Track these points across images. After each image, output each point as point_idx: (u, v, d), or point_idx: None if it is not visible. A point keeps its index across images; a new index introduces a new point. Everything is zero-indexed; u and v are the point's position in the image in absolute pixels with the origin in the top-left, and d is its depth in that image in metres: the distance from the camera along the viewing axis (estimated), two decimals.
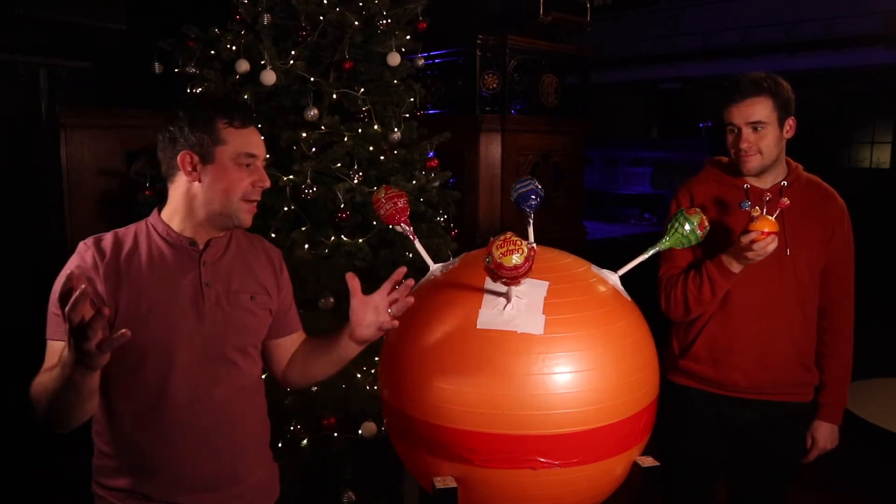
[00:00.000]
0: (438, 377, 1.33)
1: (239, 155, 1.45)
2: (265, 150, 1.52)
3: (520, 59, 4.30)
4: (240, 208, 1.46)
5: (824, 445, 2.05)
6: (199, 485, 1.48)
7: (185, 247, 1.47)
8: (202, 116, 1.45)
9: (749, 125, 1.87)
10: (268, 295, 1.58)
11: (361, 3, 2.60)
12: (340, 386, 2.43)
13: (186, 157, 1.44)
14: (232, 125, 1.45)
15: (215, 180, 1.44)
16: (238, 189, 1.45)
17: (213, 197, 1.45)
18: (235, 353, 1.51)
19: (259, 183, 1.48)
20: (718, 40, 10.10)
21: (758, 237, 1.69)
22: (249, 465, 1.55)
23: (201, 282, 1.46)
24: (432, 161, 2.81)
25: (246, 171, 1.46)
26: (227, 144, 1.44)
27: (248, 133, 1.48)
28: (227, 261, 1.52)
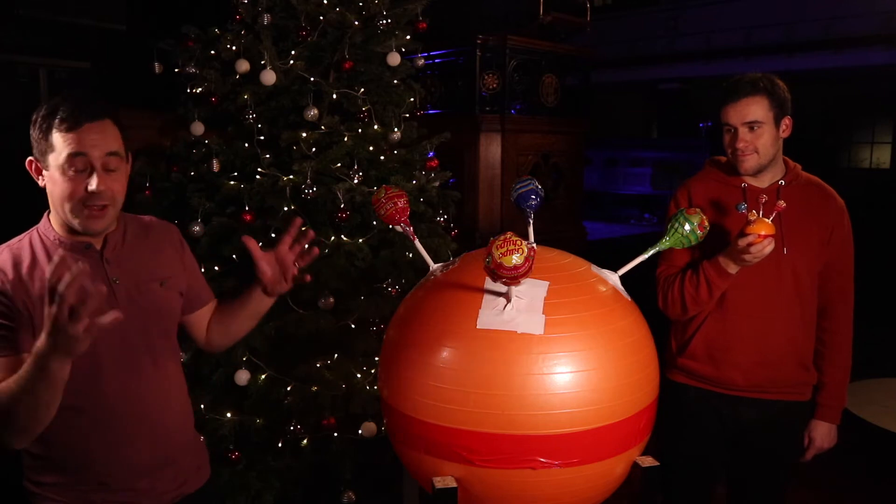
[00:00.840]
0: (438, 377, 1.32)
1: (65, 158, 1.35)
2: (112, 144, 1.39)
3: (520, 59, 4.30)
4: (78, 215, 1.38)
5: (821, 444, 2.05)
6: (134, 471, 1.49)
7: (82, 250, 1.44)
8: (39, 118, 1.37)
9: (745, 125, 1.87)
10: (175, 276, 1.59)
11: (361, 3, 2.60)
12: (340, 386, 2.43)
13: (31, 164, 1.41)
14: (60, 129, 1.35)
15: (51, 188, 1.39)
16: (71, 195, 1.36)
17: (56, 204, 1.40)
18: (157, 340, 1.52)
19: (90, 188, 1.36)
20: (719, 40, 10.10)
21: (754, 240, 1.69)
22: (181, 448, 1.59)
23: (109, 279, 1.45)
24: (432, 161, 2.81)
25: (76, 176, 1.36)
26: (55, 150, 1.36)
27: (80, 133, 1.35)
28: (129, 253, 1.51)
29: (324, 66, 2.61)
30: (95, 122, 1.37)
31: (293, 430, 2.43)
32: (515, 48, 4.25)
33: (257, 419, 2.43)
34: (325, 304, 2.44)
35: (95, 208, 1.39)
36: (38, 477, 1.48)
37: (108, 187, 1.39)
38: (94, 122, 1.37)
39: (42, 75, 3.69)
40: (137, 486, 1.51)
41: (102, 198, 1.38)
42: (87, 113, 1.36)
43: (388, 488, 2.55)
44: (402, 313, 1.51)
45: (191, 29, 2.59)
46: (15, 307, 1.38)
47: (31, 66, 3.60)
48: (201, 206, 2.48)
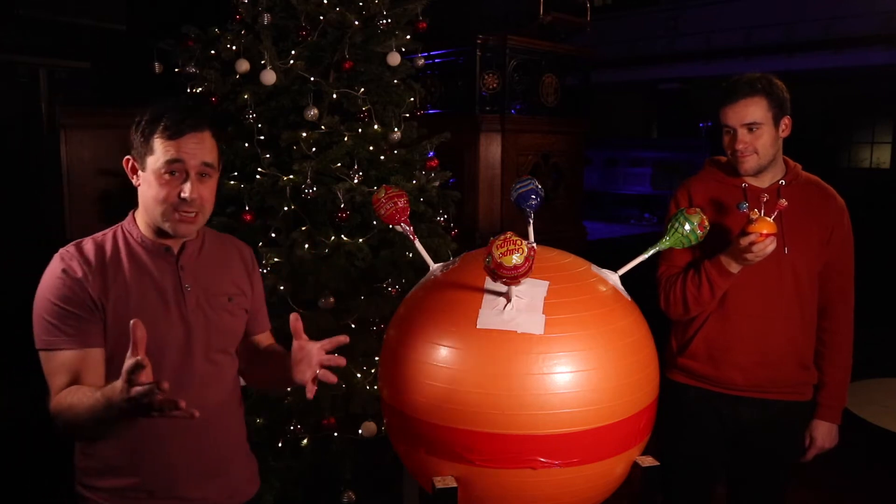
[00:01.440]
0: (438, 377, 1.32)
1: (163, 163, 1.40)
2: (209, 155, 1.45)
3: (520, 59, 4.30)
4: (170, 218, 1.43)
5: (822, 444, 2.05)
6: (188, 481, 1.51)
7: (161, 253, 1.48)
8: (143, 121, 1.43)
9: (744, 126, 1.88)
10: (243, 295, 1.61)
11: (361, 3, 2.59)
12: (340, 386, 2.43)
13: (128, 162, 1.46)
14: (162, 136, 1.41)
15: (145, 189, 1.44)
16: (164, 199, 1.42)
17: (147, 205, 1.45)
18: (219, 355, 1.54)
19: (183, 195, 1.41)
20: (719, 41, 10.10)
21: (756, 239, 1.69)
22: (233, 459, 1.60)
23: (181, 286, 1.48)
24: (432, 161, 2.81)
25: (171, 179, 1.41)
26: (154, 153, 1.41)
27: (180, 143, 1.41)
28: (203, 263, 1.54)
29: (324, 66, 2.61)
30: (196, 132, 1.43)
31: (293, 430, 2.43)
32: (515, 48, 4.25)
33: (257, 419, 2.43)
34: (325, 303, 2.44)
35: (187, 214, 1.44)
36: (91, 481, 1.49)
37: (200, 195, 1.44)
38: (194, 133, 1.42)
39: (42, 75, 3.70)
40: (190, 496, 1.51)
41: (193, 205, 1.43)
42: (190, 123, 1.42)
43: (388, 488, 2.55)
44: (402, 313, 1.51)
45: (191, 29, 2.59)
46: (90, 299, 1.40)
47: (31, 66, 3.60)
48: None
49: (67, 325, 1.38)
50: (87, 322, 1.40)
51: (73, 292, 1.39)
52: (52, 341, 1.39)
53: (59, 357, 1.39)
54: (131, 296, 1.43)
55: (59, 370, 1.38)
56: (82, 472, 1.50)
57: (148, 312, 1.42)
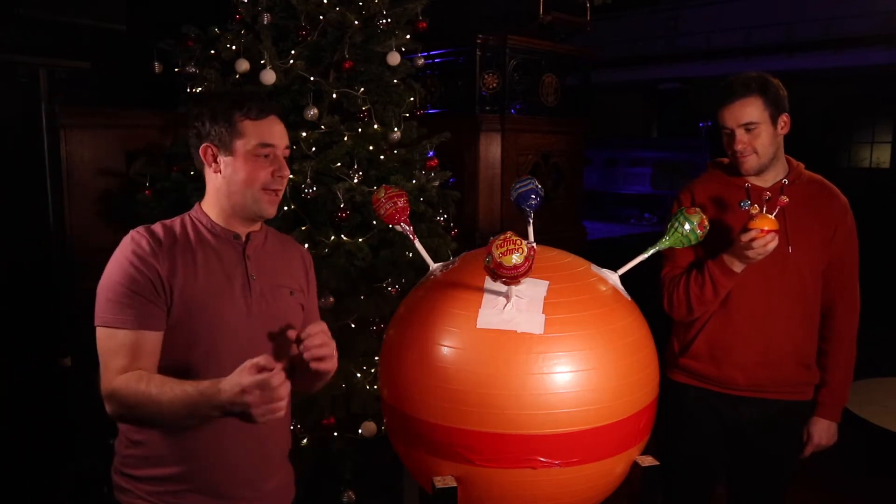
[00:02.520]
0: (438, 377, 1.33)
1: (255, 146, 1.47)
2: (287, 139, 1.55)
3: (520, 59, 4.30)
4: (260, 198, 1.49)
5: (820, 441, 2.05)
6: (234, 479, 1.50)
7: (230, 240, 1.52)
8: (222, 109, 1.48)
9: (741, 126, 1.88)
10: (302, 292, 1.63)
11: (361, 3, 2.59)
12: (340, 386, 2.43)
13: (207, 150, 1.49)
14: (248, 116, 1.47)
15: (235, 171, 1.48)
16: (257, 179, 1.48)
17: (235, 188, 1.49)
18: (277, 345, 1.52)
19: (278, 172, 1.50)
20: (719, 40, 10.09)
21: (757, 235, 1.69)
22: (278, 464, 1.60)
23: (248, 274, 1.51)
24: (432, 161, 2.81)
25: (264, 161, 1.49)
26: (244, 136, 1.47)
27: (267, 123, 1.50)
28: (267, 255, 1.57)
29: (324, 66, 2.61)
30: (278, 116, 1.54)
31: (293, 430, 2.43)
32: (515, 48, 4.25)
33: None
34: (325, 303, 2.43)
35: (276, 194, 1.51)
36: (133, 471, 1.47)
37: (286, 176, 1.53)
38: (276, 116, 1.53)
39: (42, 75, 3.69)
40: (235, 495, 1.50)
41: (283, 184, 1.52)
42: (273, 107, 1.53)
43: (388, 488, 2.55)
44: (402, 313, 1.51)
45: (191, 29, 2.59)
46: (158, 281, 1.41)
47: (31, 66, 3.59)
48: None
49: (132, 306, 1.38)
50: (152, 305, 1.40)
51: (142, 274, 1.40)
52: (114, 319, 1.38)
53: (119, 336, 1.38)
54: (199, 277, 1.45)
55: (119, 350, 1.38)
56: (124, 460, 1.49)
57: (215, 295, 1.45)
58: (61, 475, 2.85)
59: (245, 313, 1.48)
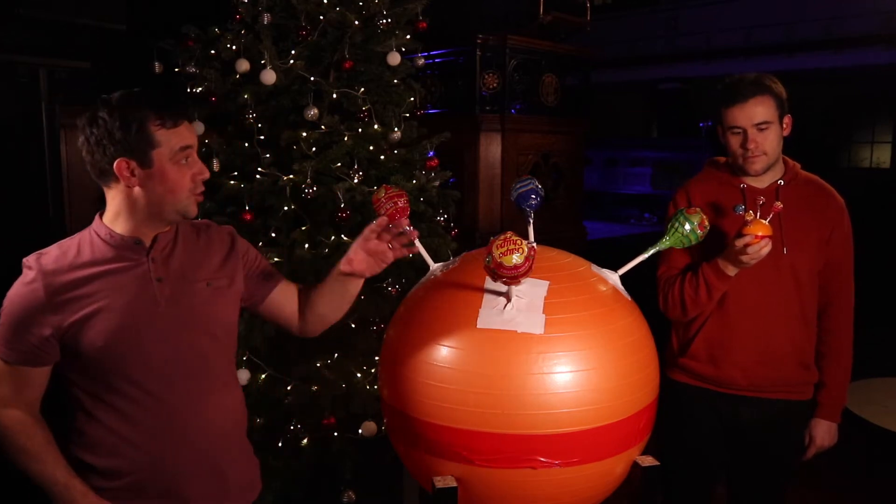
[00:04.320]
0: (438, 377, 1.33)
1: (175, 152, 1.42)
2: (196, 138, 1.50)
3: (520, 58, 4.30)
4: (188, 203, 1.47)
5: (821, 443, 2.05)
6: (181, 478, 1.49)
7: (131, 246, 1.46)
8: (134, 119, 1.38)
9: (755, 126, 1.86)
10: (226, 277, 1.58)
11: (361, 3, 2.59)
12: (340, 386, 2.43)
13: (122, 165, 1.39)
14: (164, 126, 1.40)
15: (158, 182, 1.42)
16: (182, 186, 1.44)
17: (157, 199, 1.43)
18: (204, 342, 1.52)
19: (199, 175, 1.47)
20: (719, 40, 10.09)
21: (751, 241, 1.69)
22: (229, 457, 1.57)
23: (152, 279, 1.46)
24: (432, 161, 2.80)
25: (185, 166, 1.44)
26: (162, 146, 1.41)
27: (181, 129, 1.44)
28: (178, 253, 1.52)
29: (324, 66, 2.61)
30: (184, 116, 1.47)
31: (293, 430, 2.43)
32: (515, 48, 4.25)
33: (257, 418, 2.42)
34: None
35: (201, 193, 1.49)
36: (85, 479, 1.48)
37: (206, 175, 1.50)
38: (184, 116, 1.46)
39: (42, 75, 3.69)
40: (184, 494, 1.50)
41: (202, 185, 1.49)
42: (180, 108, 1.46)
43: (388, 488, 2.55)
44: (402, 313, 1.51)
45: (191, 29, 2.59)
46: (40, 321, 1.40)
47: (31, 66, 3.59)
48: (201, 206, 2.48)
49: (16, 344, 1.41)
50: (39, 345, 1.41)
51: (29, 314, 1.40)
52: (4, 352, 1.42)
53: (7, 369, 1.42)
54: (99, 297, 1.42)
55: (4, 381, 1.43)
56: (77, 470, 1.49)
57: (119, 310, 1.42)
58: None
59: (157, 318, 1.45)
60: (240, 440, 1.64)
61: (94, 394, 1.46)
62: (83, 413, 1.47)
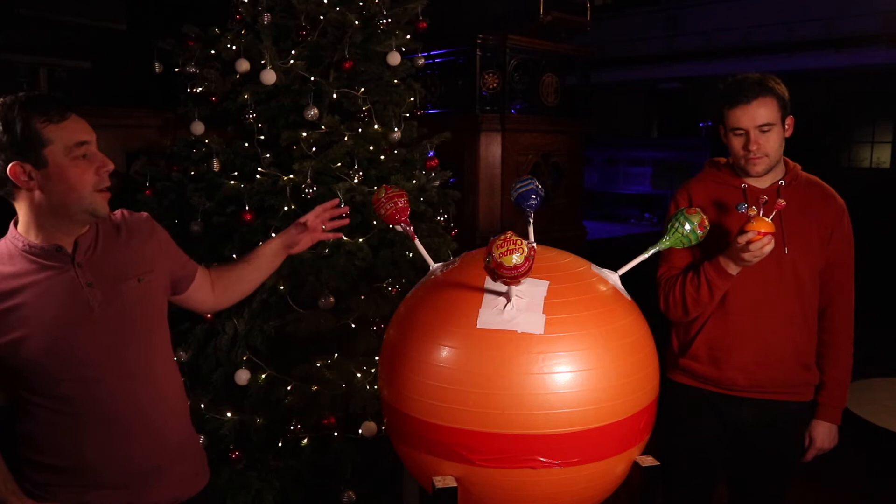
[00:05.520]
0: (438, 377, 1.32)
1: (70, 148, 1.36)
2: (93, 132, 1.43)
3: (520, 58, 4.30)
4: (94, 200, 1.40)
5: (822, 445, 2.05)
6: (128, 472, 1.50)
7: (53, 254, 1.41)
8: (17, 121, 1.32)
9: (758, 128, 1.86)
10: (152, 269, 1.56)
11: (361, 3, 2.59)
12: (340, 385, 2.43)
13: (17, 169, 1.34)
14: (51, 121, 1.34)
15: (58, 181, 1.36)
16: (85, 183, 1.38)
17: (60, 200, 1.37)
18: (143, 338, 1.52)
19: (103, 168, 1.41)
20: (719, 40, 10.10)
21: (754, 238, 1.69)
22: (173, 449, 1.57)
23: (83, 285, 1.43)
24: (432, 161, 2.80)
25: (84, 161, 1.38)
26: (53, 143, 1.34)
27: (71, 123, 1.37)
28: (101, 253, 1.48)
29: (324, 66, 2.61)
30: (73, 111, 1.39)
31: (293, 430, 2.43)
32: (515, 48, 4.25)
33: (257, 419, 2.42)
34: (325, 303, 2.43)
35: (107, 189, 1.42)
36: (33, 476, 1.49)
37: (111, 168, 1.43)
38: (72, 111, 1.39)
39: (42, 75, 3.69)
40: (131, 486, 1.51)
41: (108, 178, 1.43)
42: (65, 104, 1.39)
43: (388, 488, 2.55)
44: (402, 313, 1.51)
45: (191, 29, 2.59)
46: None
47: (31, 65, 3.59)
48: (201, 206, 2.48)
49: None
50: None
51: None
52: None
53: None
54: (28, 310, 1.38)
55: None
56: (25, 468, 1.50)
57: (50, 322, 1.39)
58: None
59: (92, 324, 1.43)
60: (181, 430, 1.63)
61: (34, 397, 1.44)
62: (26, 414, 1.46)
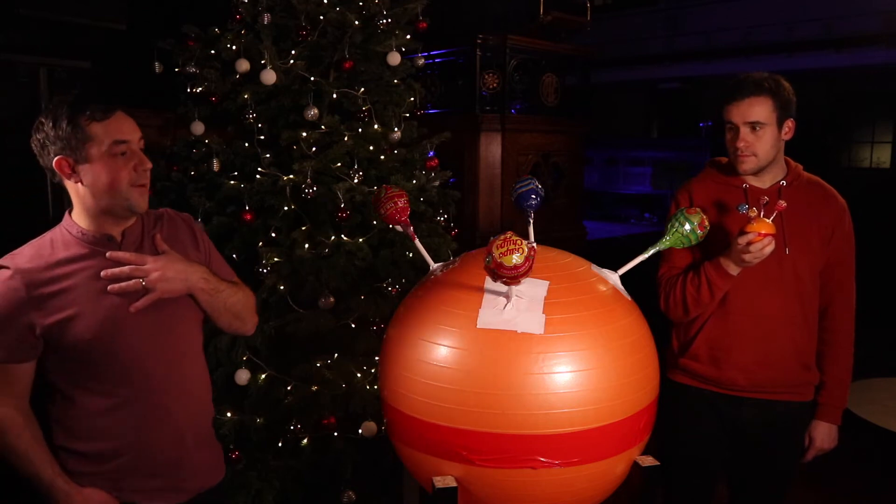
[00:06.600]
0: (438, 377, 1.32)
1: (110, 146, 1.45)
2: (139, 132, 1.52)
3: (520, 58, 4.30)
4: (130, 196, 1.48)
5: (821, 445, 2.05)
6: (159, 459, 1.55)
7: (103, 242, 1.51)
8: (64, 117, 1.43)
9: (747, 124, 1.87)
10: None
11: (361, 3, 2.59)
12: (340, 385, 2.43)
13: (62, 162, 1.45)
14: (95, 119, 1.44)
15: (97, 177, 1.45)
16: (121, 179, 1.46)
17: (100, 193, 1.47)
18: (178, 329, 1.59)
19: (140, 166, 1.49)
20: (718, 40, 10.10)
21: (754, 239, 1.69)
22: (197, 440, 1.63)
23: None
24: (432, 161, 2.80)
25: (122, 159, 1.47)
26: (95, 139, 1.44)
27: (115, 121, 1.47)
28: (147, 246, 1.56)
29: (324, 66, 2.61)
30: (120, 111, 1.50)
31: (293, 430, 2.43)
32: (515, 48, 4.25)
33: (257, 419, 2.42)
34: (325, 303, 2.43)
35: (145, 186, 1.51)
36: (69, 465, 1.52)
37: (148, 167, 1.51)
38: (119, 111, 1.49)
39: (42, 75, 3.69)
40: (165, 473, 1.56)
41: (148, 175, 1.51)
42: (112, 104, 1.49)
43: (388, 488, 2.55)
44: (402, 312, 1.51)
45: (191, 28, 2.58)
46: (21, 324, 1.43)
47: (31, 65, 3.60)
48: (201, 206, 2.48)
49: (3, 338, 1.44)
50: (21, 342, 1.44)
51: (10, 317, 1.43)
52: None
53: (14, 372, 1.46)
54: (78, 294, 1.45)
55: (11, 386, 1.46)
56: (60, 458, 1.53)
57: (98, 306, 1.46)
58: None
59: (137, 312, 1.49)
60: (207, 418, 1.70)
61: (74, 383, 1.49)
62: (64, 400, 1.51)
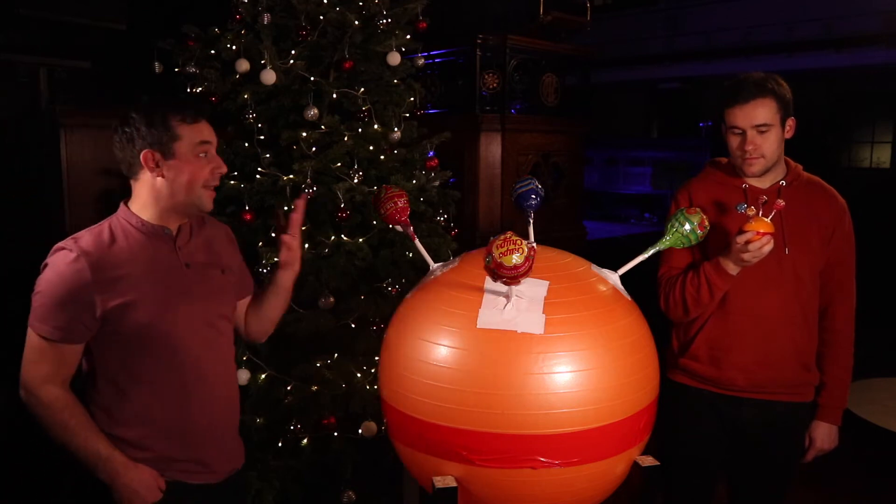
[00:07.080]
0: (439, 377, 1.33)
1: (195, 146, 1.58)
2: (216, 138, 1.66)
3: (520, 58, 4.30)
4: (202, 195, 1.61)
5: (822, 446, 2.05)
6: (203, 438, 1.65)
7: (161, 234, 1.62)
8: (158, 115, 1.56)
9: (754, 128, 1.86)
10: (230, 267, 1.78)
11: (361, 3, 2.59)
12: (340, 385, 2.43)
13: (149, 155, 1.56)
14: (185, 121, 1.57)
15: (179, 173, 1.57)
16: (199, 178, 1.59)
17: (177, 188, 1.58)
18: (217, 322, 1.70)
19: (217, 169, 1.62)
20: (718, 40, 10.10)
21: (753, 238, 1.69)
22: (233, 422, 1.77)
23: (182, 265, 1.63)
24: (432, 161, 2.80)
25: (203, 160, 1.59)
26: (182, 139, 1.56)
27: (201, 125, 1.60)
28: (196, 242, 1.69)
29: (324, 66, 2.61)
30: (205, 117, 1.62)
31: (293, 430, 2.43)
32: (515, 48, 4.25)
33: (257, 418, 2.43)
34: (325, 303, 2.43)
35: (215, 189, 1.63)
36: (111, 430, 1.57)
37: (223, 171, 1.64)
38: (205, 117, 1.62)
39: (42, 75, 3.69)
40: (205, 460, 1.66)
41: (219, 179, 1.64)
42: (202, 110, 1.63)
43: (388, 488, 2.55)
44: (402, 313, 1.51)
45: (191, 28, 2.58)
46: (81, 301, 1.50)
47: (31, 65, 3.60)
48: None
49: (58, 322, 1.50)
50: (77, 322, 1.51)
51: (71, 294, 1.50)
52: (41, 328, 1.51)
53: (43, 344, 1.52)
54: (139, 279, 1.55)
55: (42, 356, 1.52)
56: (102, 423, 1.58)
57: (156, 291, 1.56)
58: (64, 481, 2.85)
59: (188, 299, 1.61)
60: (237, 406, 1.80)
61: (124, 367, 1.57)
62: (110, 387, 1.58)
